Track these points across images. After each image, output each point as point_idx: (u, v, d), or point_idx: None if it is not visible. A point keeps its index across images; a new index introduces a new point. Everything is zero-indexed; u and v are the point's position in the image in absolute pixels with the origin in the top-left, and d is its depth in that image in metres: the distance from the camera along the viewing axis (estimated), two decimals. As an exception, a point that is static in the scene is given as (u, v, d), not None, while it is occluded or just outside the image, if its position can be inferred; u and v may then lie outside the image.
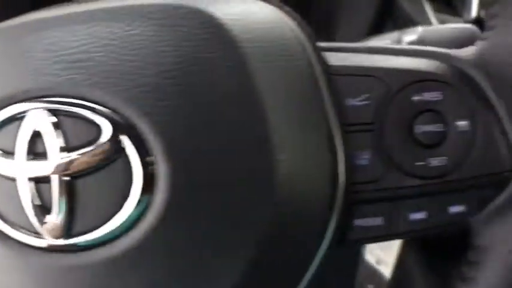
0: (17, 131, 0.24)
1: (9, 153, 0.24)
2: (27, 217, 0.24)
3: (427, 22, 0.65)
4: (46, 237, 0.24)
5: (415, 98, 0.30)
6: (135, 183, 0.24)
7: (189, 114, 0.24)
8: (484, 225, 0.32)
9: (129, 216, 0.24)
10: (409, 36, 0.48)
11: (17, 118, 0.24)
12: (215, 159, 0.24)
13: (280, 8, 0.31)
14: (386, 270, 0.71)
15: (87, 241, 0.24)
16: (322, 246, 0.29)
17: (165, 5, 0.26)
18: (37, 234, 0.24)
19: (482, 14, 0.59)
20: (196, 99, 0.24)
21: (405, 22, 0.66)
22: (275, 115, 0.26)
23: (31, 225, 0.24)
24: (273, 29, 0.28)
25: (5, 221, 0.25)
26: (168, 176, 0.24)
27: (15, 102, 0.24)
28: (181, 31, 0.25)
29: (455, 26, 0.47)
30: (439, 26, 0.49)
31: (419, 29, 0.48)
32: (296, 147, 0.27)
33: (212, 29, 0.25)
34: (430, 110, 0.30)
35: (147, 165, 0.24)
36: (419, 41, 0.47)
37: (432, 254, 0.66)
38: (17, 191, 0.24)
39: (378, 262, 0.74)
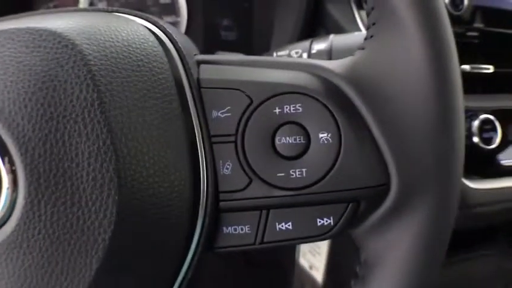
0: None
1: None
2: None
3: (356, 30, 0.65)
4: None
5: (276, 110, 0.30)
6: (3, 185, 0.27)
7: (42, 125, 0.27)
8: (365, 239, 0.33)
9: (2, 212, 0.27)
10: (320, 44, 0.48)
11: None
12: (63, 166, 0.27)
13: (154, 23, 0.32)
14: (318, 275, 0.72)
15: None
16: (190, 251, 0.30)
17: (31, 29, 0.28)
18: None
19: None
20: (49, 112, 0.27)
21: (335, 29, 0.66)
22: (123, 125, 0.27)
23: None
24: (131, 45, 0.29)
25: None
26: (24, 181, 0.26)
27: None
28: (40, 52, 0.28)
29: (364, 34, 0.47)
30: (350, 34, 0.49)
31: (331, 37, 0.48)
32: (149, 156, 0.28)
33: (64, 49, 0.28)
34: (291, 122, 0.30)
35: (12, 171, 0.27)
36: (328, 49, 0.47)
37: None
38: None
39: (310, 267, 0.75)
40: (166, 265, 0.30)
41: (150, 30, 0.32)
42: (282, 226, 0.31)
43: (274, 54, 0.53)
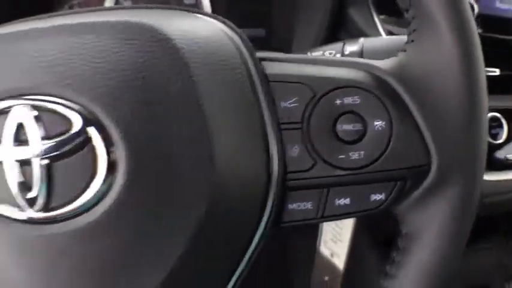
0: (4, 123, 0.29)
1: None
2: (12, 194, 0.29)
3: (376, 34, 0.71)
4: (28, 210, 0.29)
5: (337, 101, 0.35)
6: (100, 166, 0.29)
7: (142, 110, 0.30)
8: (407, 214, 0.38)
9: (96, 193, 0.29)
10: (352, 46, 0.53)
11: (4, 112, 0.29)
12: (163, 148, 0.30)
13: (224, 23, 0.37)
14: (339, 262, 0.76)
15: (61, 214, 0.29)
16: (261, 226, 0.35)
17: (125, 22, 0.31)
18: (20, 209, 0.29)
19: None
20: (147, 99, 0.30)
21: (357, 33, 0.72)
22: (213, 112, 0.31)
23: (15, 201, 0.29)
24: (214, 42, 0.34)
25: None
26: (126, 161, 0.29)
27: (3, 99, 0.29)
28: (135, 44, 0.30)
29: (392, 38, 0.53)
30: (378, 38, 0.55)
31: (361, 40, 0.54)
32: (234, 140, 0.32)
33: (159, 42, 0.31)
34: (350, 112, 0.35)
35: (109, 152, 0.29)
36: (360, 51, 0.52)
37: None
38: (3, 173, 0.29)
39: (332, 255, 0.79)
40: (240, 241, 0.34)
41: (223, 31, 0.36)
42: (341, 202, 0.36)
43: (308, 54, 0.58)
